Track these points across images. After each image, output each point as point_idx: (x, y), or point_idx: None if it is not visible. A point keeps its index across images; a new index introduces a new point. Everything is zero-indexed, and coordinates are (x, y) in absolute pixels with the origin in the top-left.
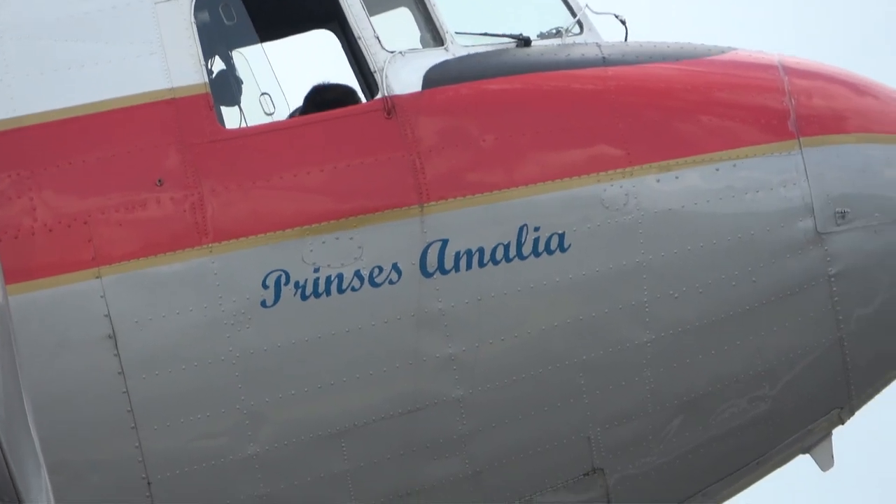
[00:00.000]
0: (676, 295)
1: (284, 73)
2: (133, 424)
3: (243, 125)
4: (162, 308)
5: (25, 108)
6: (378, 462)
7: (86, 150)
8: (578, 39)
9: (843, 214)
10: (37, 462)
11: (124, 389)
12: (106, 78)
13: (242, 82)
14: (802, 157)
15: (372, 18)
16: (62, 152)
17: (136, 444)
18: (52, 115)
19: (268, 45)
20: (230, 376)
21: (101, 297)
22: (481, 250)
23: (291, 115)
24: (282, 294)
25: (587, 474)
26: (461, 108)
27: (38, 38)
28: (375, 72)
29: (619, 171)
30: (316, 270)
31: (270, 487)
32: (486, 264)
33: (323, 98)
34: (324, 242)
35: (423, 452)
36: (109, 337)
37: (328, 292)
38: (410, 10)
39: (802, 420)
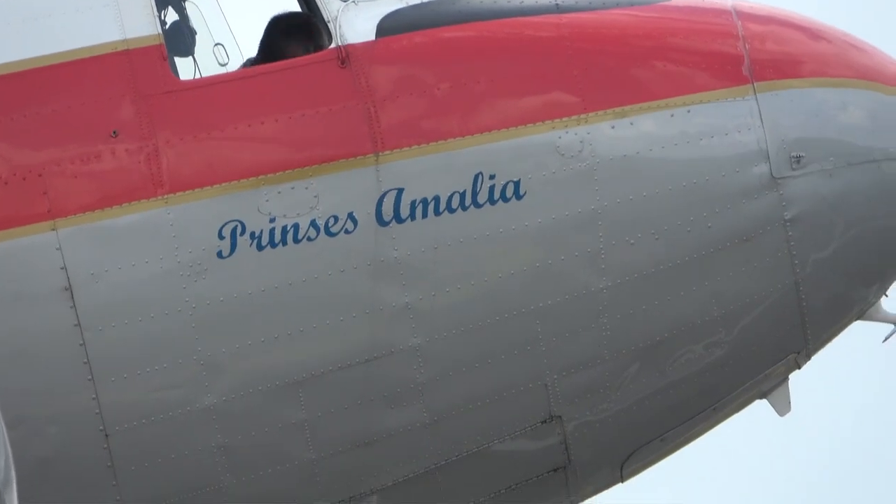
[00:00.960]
0: (632, 241)
1: (237, 23)
2: (90, 376)
3: (197, 76)
4: (118, 260)
5: None
6: (335, 411)
7: (40, 102)
8: None
9: (798, 159)
10: None
11: (81, 342)
12: (59, 30)
13: (196, 33)
14: (757, 102)
15: None
16: (16, 105)
17: (93, 396)
18: (5, 69)
19: None
20: (187, 327)
21: (57, 249)
22: (437, 199)
23: (246, 64)
24: (238, 244)
25: (545, 422)
26: (415, 57)
27: None
28: (329, 21)
29: (573, 117)
30: (272, 220)
31: (228, 438)
32: (441, 213)
33: (282, 29)
34: (279, 192)
35: (381, 401)
36: (66, 289)
37: (284, 242)
38: None
39: (759, 365)
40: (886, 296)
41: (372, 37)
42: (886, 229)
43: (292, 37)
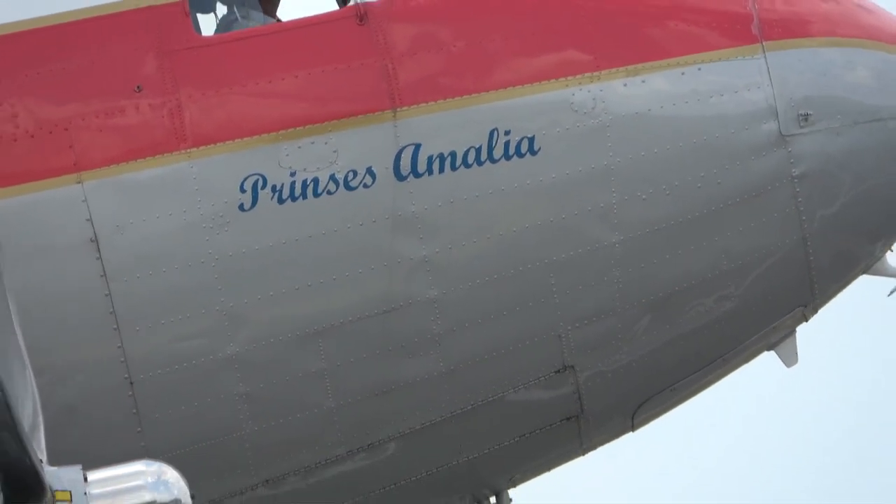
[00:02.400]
0: (644, 196)
1: None
2: (115, 326)
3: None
4: (142, 213)
5: (4, 17)
6: (355, 361)
7: (66, 57)
8: None
9: (805, 117)
10: (22, 363)
11: (107, 292)
12: None
13: None
14: (766, 61)
15: None
16: (43, 60)
17: (119, 345)
18: (31, 24)
19: None
20: (209, 278)
21: (83, 201)
22: (453, 154)
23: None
24: (259, 197)
25: (558, 371)
26: (432, 14)
27: None
28: None
29: (587, 75)
30: (292, 174)
31: (249, 386)
32: (458, 168)
33: None
34: (299, 147)
35: (399, 351)
36: (92, 241)
37: (304, 196)
38: None
39: (767, 318)
40: (892, 251)
41: None
42: (892, 186)
43: None
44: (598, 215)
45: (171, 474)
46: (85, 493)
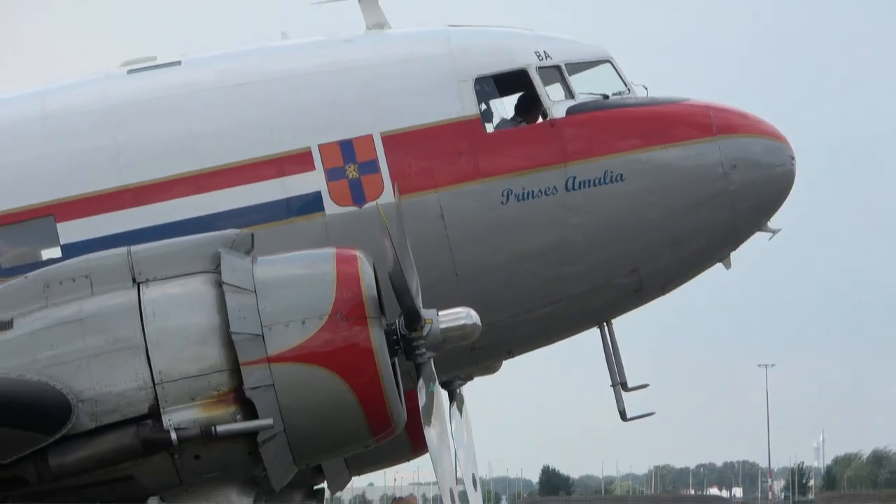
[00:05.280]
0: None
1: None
2: None
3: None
4: None
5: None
6: None
7: (412, 151)
8: (627, 94)
9: (734, 166)
10: (412, 269)
11: None
12: (425, 107)
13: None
14: (718, 143)
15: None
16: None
17: None
18: (397, 130)
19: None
20: None
21: None
22: (590, 181)
23: (507, 122)
24: (519, 199)
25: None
26: (578, 123)
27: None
28: (548, 110)
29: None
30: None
31: None
32: (594, 187)
33: (523, 105)
34: (532, 179)
35: None
36: None
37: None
38: (559, 81)
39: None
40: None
41: (563, 115)
42: (766, 190)
43: (529, 112)
44: None
45: (473, 312)
46: (435, 317)
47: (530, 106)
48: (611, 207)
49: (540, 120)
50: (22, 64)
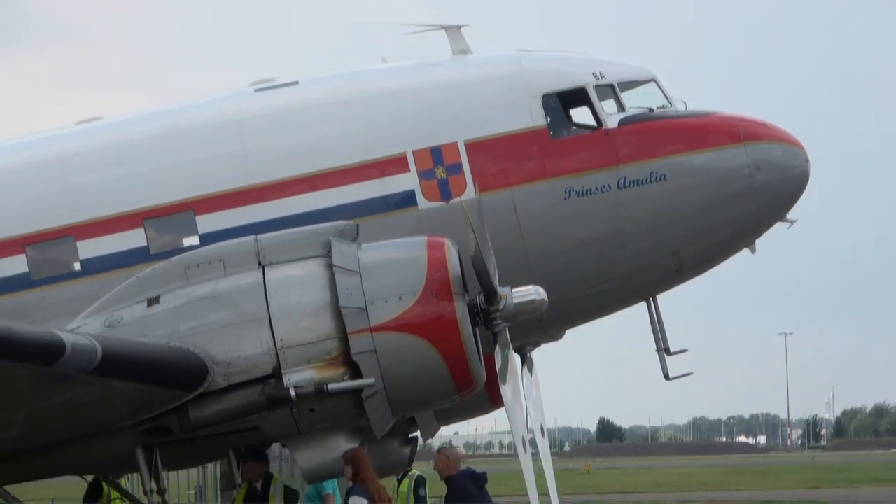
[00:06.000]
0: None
1: None
2: None
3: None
4: None
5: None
6: None
7: (494, 156)
8: (669, 108)
9: (758, 167)
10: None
11: None
12: (496, 119)
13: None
14: (745, 149)
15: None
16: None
17: None
18: (476, 138)
19: None
20: None
21: None
22: (638, 180)
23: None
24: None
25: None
26: (628, 133)
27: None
28: (603, 121)
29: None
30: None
31: None
32: (640, 186)
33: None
34: (584, 177)
35: None
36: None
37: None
38: (612, 97)
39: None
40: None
41: (616, 125)
42: (784, 188)
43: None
44: None
45: (541, 289)
46: (509, 294)
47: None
48: (655, 202)
49: (595, 130)
50: (166, 82)
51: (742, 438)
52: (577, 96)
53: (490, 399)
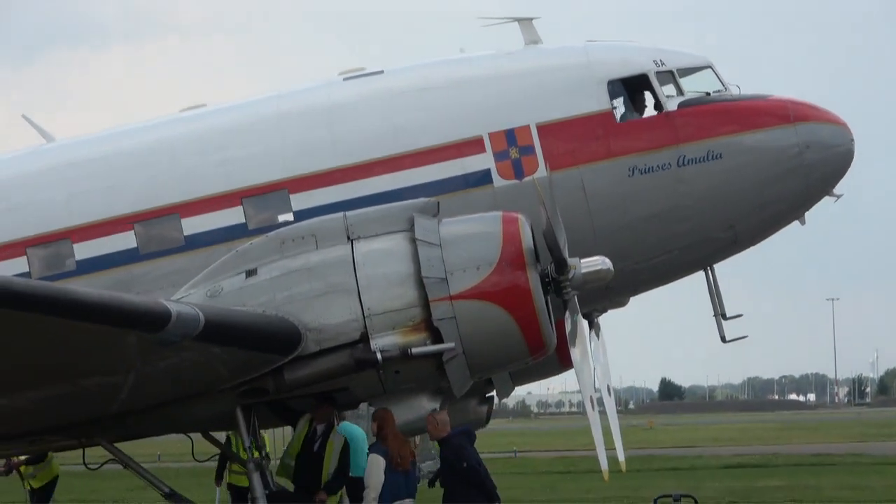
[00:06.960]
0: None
1: None
2: None
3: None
4: None
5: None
6: None
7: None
8: (724, 92)
9: (807, 146)
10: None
11: None
12: (574, 101)
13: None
14: (795, 130)
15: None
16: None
17: None
18: (555, 119)
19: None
20: None
21: None
22: (695, 159)
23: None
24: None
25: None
26: (687, 114)
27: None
28: (663, 104)
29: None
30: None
31: None
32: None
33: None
34: (644, 157)
35: None
36: None
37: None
38: (672, 83)
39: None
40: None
41: (675, 108)
42: (830, 166)
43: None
44: None
45: (607, 260)
46: (578, 264)
47: (649, 102)
48: (713, 179)
49: (656, 112)
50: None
51: (793, 396)
52: (640, 82)
53: (560, 361)
